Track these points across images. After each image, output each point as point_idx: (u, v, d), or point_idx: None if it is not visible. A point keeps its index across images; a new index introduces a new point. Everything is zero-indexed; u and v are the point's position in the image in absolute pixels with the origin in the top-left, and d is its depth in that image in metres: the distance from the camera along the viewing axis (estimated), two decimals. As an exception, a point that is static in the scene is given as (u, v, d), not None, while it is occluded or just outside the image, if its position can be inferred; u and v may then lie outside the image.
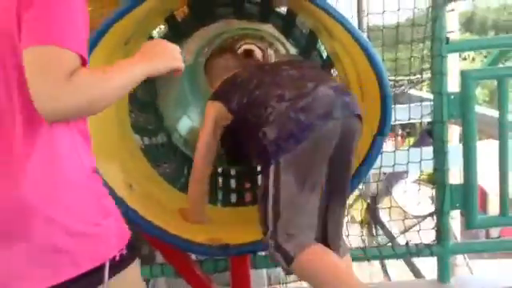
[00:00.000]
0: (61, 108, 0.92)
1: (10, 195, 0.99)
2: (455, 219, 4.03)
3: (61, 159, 1.03)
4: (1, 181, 0.99)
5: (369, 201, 4.29)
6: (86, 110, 0.96)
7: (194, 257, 2.17)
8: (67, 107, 0.92)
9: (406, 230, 3.51)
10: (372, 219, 3.97)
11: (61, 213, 1.03)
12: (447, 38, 1.95)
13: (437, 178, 2.01)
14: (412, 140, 5.55)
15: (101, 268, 1.08)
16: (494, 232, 6.75)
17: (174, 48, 1.20)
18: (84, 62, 0.97)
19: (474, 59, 14.84)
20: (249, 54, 2.64)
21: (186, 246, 1.85)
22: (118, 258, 1.12)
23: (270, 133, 1.48)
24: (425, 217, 3.38)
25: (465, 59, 14.90)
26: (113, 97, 1.01)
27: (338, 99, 1.50)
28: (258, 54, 2.98)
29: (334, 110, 1.47)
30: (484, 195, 7.30)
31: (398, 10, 2.19)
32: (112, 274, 1.10)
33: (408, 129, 8.24)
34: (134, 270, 1.18)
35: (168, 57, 1.16)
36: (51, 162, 1.01)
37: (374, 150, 1.78)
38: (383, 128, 1.76)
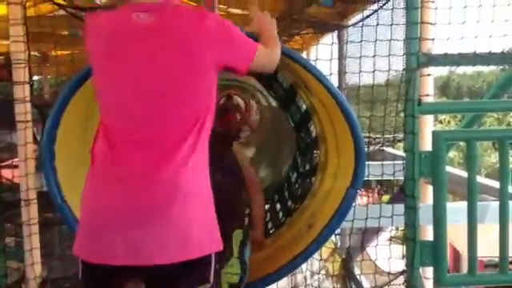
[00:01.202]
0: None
1: (167, 179, 1.25)
2: (430, 279, 4.01)
3: (205, 159, 1.34)
4: (163, 166, 1.25)
5: (344, 256, 4.27)
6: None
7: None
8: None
9: (380, 287, 3.49)
10: (346, 274, 3.95)
11: (194, 195, 1.27)
12: (419, 100, 2.03)
13: (407, 233, 2.04)
14: (388, 197, 5.65)
15: (208, 258, 1.29)
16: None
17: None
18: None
19: (449, 122, 15.34)
20: (229, 98, 2.72)
21: None
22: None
23: None
24: (399, 274, 3.38)
25: (441, 122, 15.39)
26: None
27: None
28: (241, 103, 3.05)
29: None
30: (457, 256, 7.34)
31: (374, 71, 2.31)
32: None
33: (385, 186, 8.35)
34: None
35: (275, 31, 1.61)
36: (201, 160, 1.32)
37: (345, 202, 1.82)
38: (355, 181, 1.81)
